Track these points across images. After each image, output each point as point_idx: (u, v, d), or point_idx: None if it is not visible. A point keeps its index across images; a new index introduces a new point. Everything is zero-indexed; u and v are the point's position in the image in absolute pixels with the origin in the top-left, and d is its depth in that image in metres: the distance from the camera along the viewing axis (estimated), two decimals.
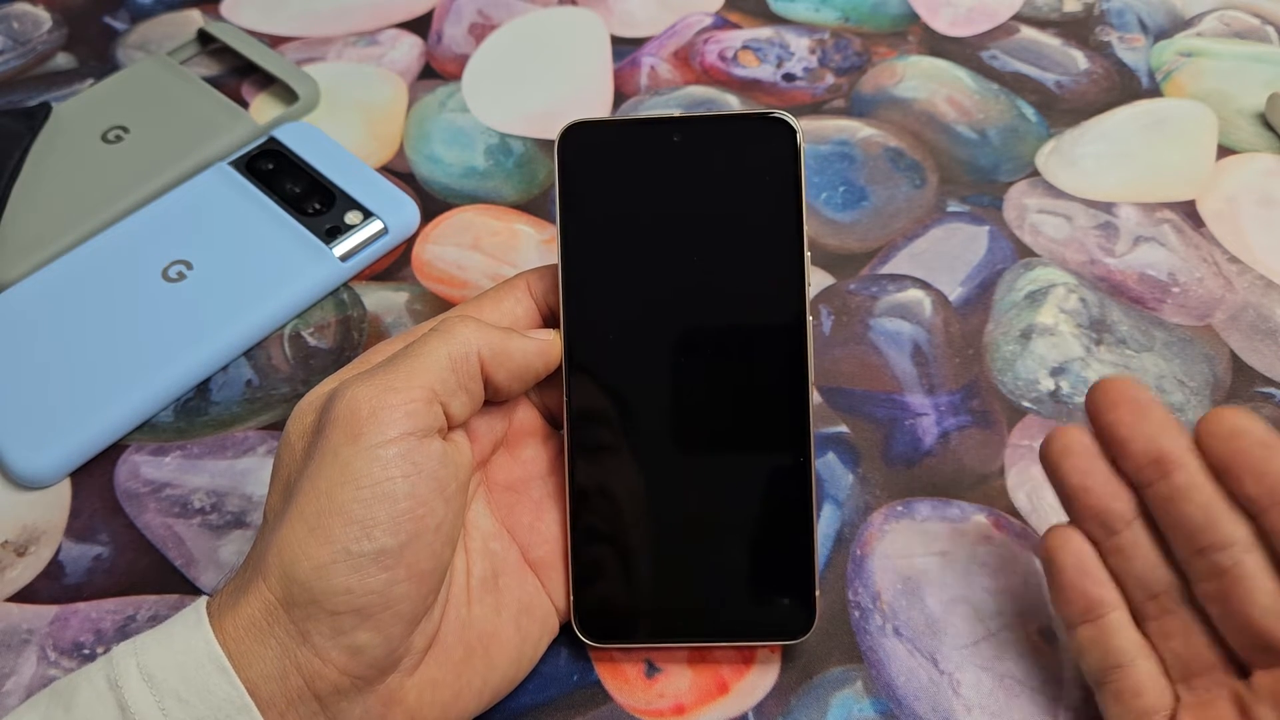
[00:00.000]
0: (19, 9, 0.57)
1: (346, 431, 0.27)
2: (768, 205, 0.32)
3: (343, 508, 0.27)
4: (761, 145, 0.32)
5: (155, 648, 0.27)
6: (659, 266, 0.32)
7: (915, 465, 0.39)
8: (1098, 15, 0.56)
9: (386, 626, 0.27)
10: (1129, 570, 0.30)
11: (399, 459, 0.27)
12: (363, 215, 0.45)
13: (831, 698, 0.33)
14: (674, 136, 0.32)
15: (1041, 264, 0.45)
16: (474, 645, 0.30)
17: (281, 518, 0.28)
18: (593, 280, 0.32)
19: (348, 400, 0.28)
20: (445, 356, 0.29)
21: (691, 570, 0.32)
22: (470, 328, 0.30)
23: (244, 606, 0.27)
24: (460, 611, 0.31)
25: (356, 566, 0.27)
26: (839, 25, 0.55)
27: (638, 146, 0.32)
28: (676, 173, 0.32)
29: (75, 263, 0.43)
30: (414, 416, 0.28)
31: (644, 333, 0.32)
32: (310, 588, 0.26)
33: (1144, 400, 0.30)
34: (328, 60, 0.54)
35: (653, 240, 0.32)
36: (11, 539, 0.38)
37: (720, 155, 0.32)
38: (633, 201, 0.32)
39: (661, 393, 0.32)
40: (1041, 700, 0.33)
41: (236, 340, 0.42)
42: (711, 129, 0.32)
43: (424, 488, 0.28)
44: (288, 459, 0.29)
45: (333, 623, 0.27)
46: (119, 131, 0.49)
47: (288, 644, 0.27)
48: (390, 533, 0.27)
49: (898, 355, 0.42)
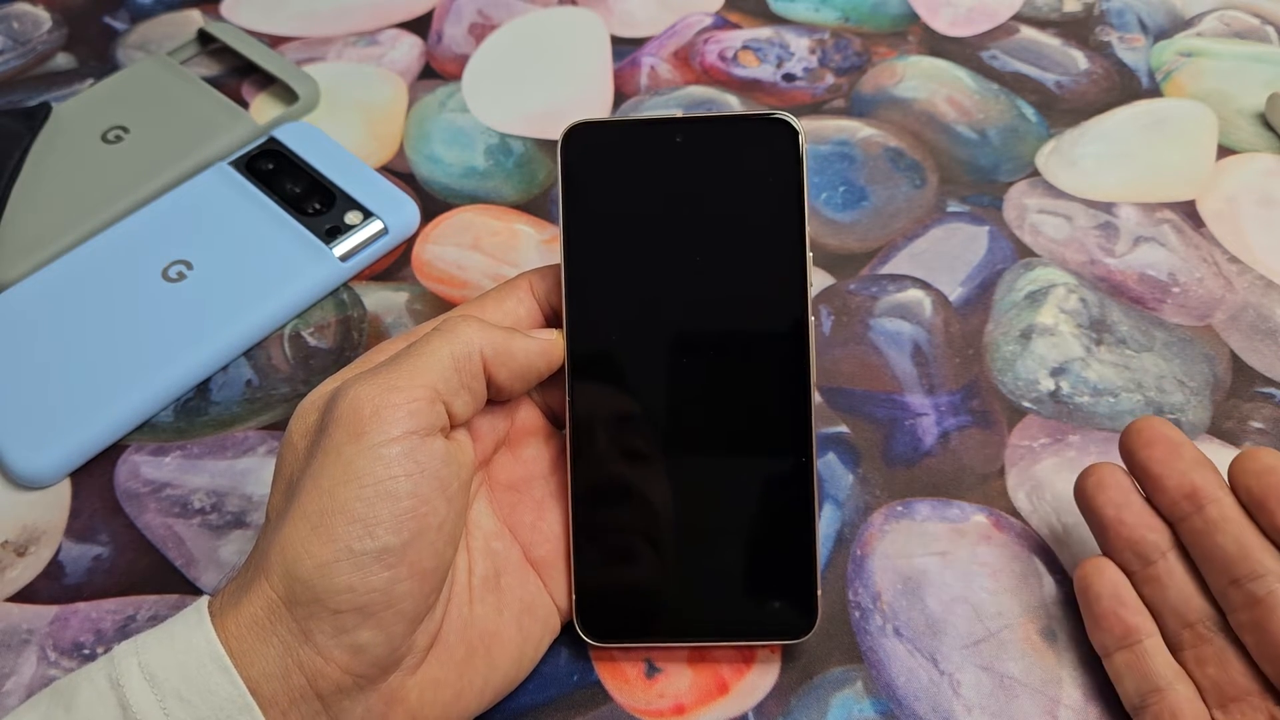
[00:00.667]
0: (19, 9, 0.57)
1: (349, 430, 0.27)
2: (770, 206, 0.32)
3: (345, 506, 0.27)
4: (764, 146, 0.32)
5: (156, 647, 0.27)
6: (661, 267, 0.32)
7: (915, 465, 0.39)
8: (1098, 15, 0.56)
9: (389, 625, 0.27)
10: (1164, 600, 0.31)
11: (402, 458, 0.27)
12: (363, 215, 0.45)
13: (831, 698, 0.33)
14: (676, 137, 0.32)
15: (1041, 264, 0.45)
16: (475, 644, 0.30)
17: (284, 516, 0.28)
18: (595, 280, 0.32)
19: (350, 399, 0.28)
20: (448, 356, 0.29)
21: (694, 569, 0.32)
22: (473, 327, 0.30)
23: (246, 605, 0.27)
24: (462, 610, 0.31)
25: (359, 565, 0.27)
26: (839, 25, 0.55)
27: (640, 147, 0.32)
28: (679, 173, 0.32)
29: (75, 263, 0.43)
30: (416, 415, 0.28)
31: (646, 333, 0.32)
32: (313, 586, 0.27)
33: (1177, 439, 0.32)
34: (328, 60, 0.54)
35: (655, 240, 0.32)
36: (11, 539, 0.38)
37: (723, 156, 0.32)
38: (635, 201, 0.32)
39: (663, 393, 0.32)
40: (1041, 700, 0.33)
41: (236, 340, 0.42)
42: (714, 129, 0.32)
43: (426, 486, 0.28)
44: (290, 458, 0.29)
45: (335, 621, 0.27)
46: (119, 131, 0.49)
47: (290, 642, 0.27)
48: (393, 531, 0.27)
49: (898, 355, 0.42)
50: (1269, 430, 0.39)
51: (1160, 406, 0.40)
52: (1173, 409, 0.40)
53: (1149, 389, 0.40)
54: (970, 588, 0.35)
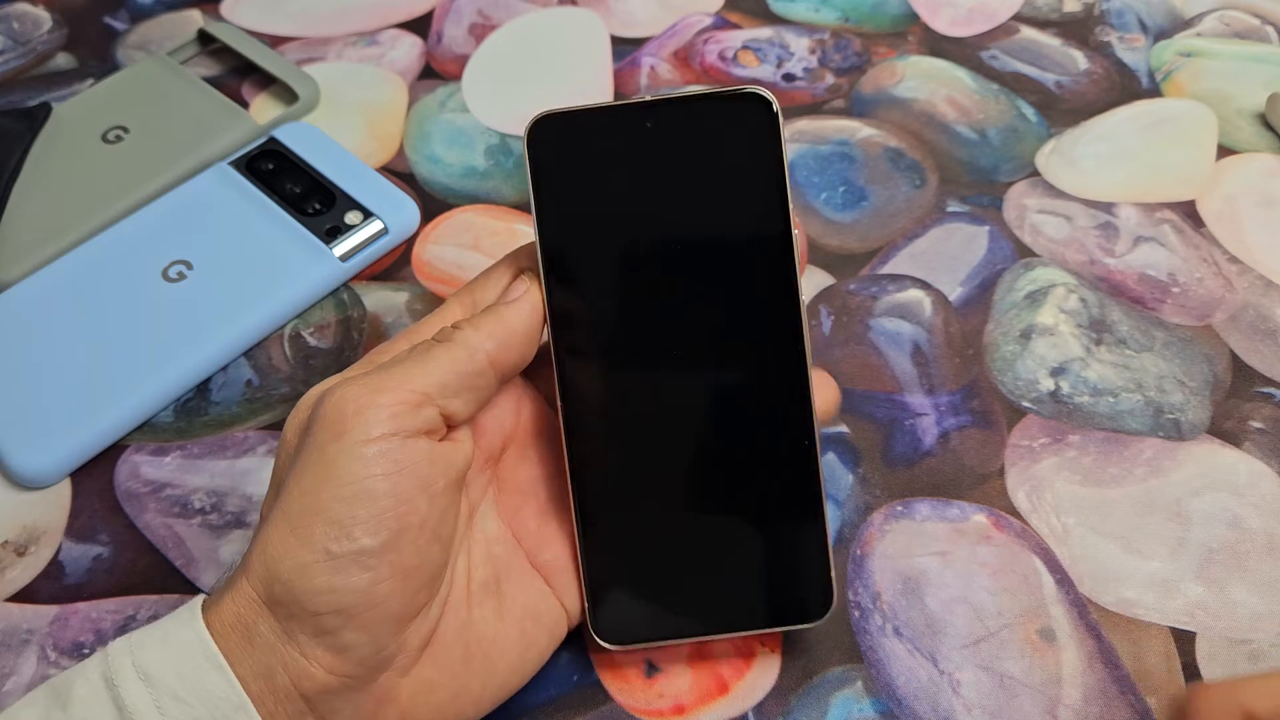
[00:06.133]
0: (19, 9, 0.57)
1: (332, 429, 0.27)
2: (750, 185, 0.31)
3: (324, 507, 0.27)
4: (739, 124, 0.31)
5: (151, 645, 0.27)
6: (642, 258, 0.31)
7: (915, 465, 0.39)
8: (1098, 15, 0.56)
9: (373, 625, 0.27)
10: None
11: (380, 457, 0.27)
12: (363, 215, 0.45)
13: (831, 698, 0.33)
14: (646, 122, 0.31)
15: (1041, 264, 0.45)
16: (473, 649, 0.30)
17: (265, 522, 0.28)
18: (575, 278, 0.31)
19: (336, 399, 0.28)
20: (446, 360, 0.29)
21: (707, 563, 0.32)
22: (469, 331, 0.30)
23: (229, 604, 0.27)
24: (460, 613, 0.30)
25: (337, 567, 0.26)
26: (839, 25, 0.55)
27: (610, 134, 0.31)
28: (653, 159, 0.31)
29: (75, 263, 0.43)
30: (398, 418, 0.28)
31: (634, 326, 0.32)
32: (292, 587, 0.26)
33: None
34: (328, 60, 0.54)
35: (634, 231, 0.31)
36: (11, 539, 0.38)
37: (697, 137, 0.31)
38: (609, 193, 0.31)
39: (658, 388, 0.32)
40: (1041, 700, 0.33)
41: (236, 340, 0.42)
42: (685, 110, 0.31)
43: (406, 485, 0.27)
44: (283, 457, 0.29)
45: (316, 622, 0.27)
46: (119, 131, 0.49)
47: (273, 642, 0.27)
48: (370, 532, 0.27)
49: (898, 355, 0.42)
50: (1269, 430, 0.39)
51: (1160, 406, 0.40)
52: (1172, 409, 0.40)
53: (1149, 389, 0.41)
54: (970, 588, 0.35)
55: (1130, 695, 0.33)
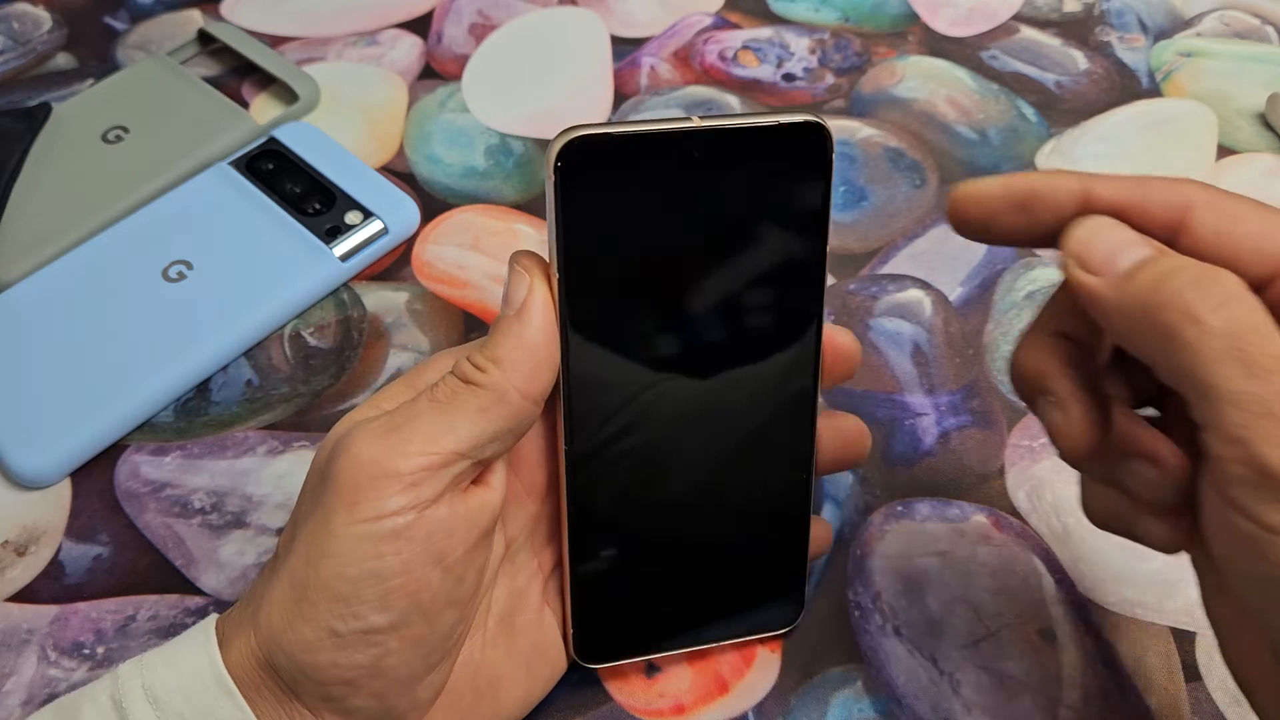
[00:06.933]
0: (19, 9, 0.57)
1: (343, 496, 0.26)
2: (791, 222, 0.29)
3: (328, 583, 0.26)
4: (788, 155, 0.28)
5: (161, 668, 0.27)
6: (664, 294, 0.29)
7: (915, 465, 0.39)
8: (1098, 15, 0.56)
9: (381, 692, 0.27)
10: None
11: (390, 536, 0.25)
12: (363, 215, 0.45)
13: (831, 698, 0.33)
14: (692, 151, 0.27)
15: (1041, 264, 0.45)
16: (483, 690, 0.30)
17: (276, 571, 0.27)
18: (594, 309, 0.29)
19: (351, 460, 0.26)
20: (474, 408, 0.27)
21: (688, 584, 0.32)
22: (491, 369, 0.27)
23: (238, 651, 0.27)
24: (474, 657, 0.30)
25: (342, 645, 0.26)
26: (839, 25, 0.55)
27: (648, 161, 0.27)
28: (692, 190, 0.28)
29: (75, 263, 0.43)
30: (418, 487, 0.26)
31: (650, 361, 0.30)
32: (295, 660, 0.26)
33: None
34: (328, 60, 0.54)
35: (660, 267, 0.29)
36: (11, 539, 0.38)
37: (742, 168, 0.28)
38: (640, 223, 0.28)
39: (666, 421, 0.30)
40: (1041, 700, 0.33)
41: (236, 340, 0.42)
42: (732, 139, 0.27)
43: (418, 562, 0.26)
44: (305, 493, 0.28)
45: (321, 691, 0.26)
46: (119, 131, 0.49)
47: (281, 696, 0.26)
48: (378, 610, 0.26)
49: (898, 355, 0.42)
50: None
51: None
52: None
53: None
54: (970, 588, 0.35)
55: (1130, 695, 0.33)
